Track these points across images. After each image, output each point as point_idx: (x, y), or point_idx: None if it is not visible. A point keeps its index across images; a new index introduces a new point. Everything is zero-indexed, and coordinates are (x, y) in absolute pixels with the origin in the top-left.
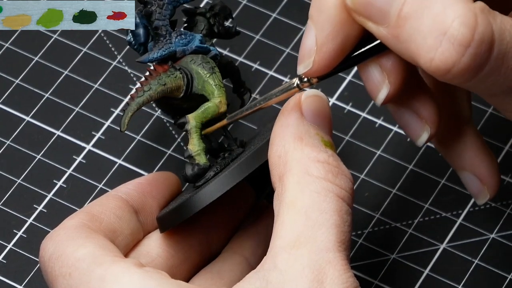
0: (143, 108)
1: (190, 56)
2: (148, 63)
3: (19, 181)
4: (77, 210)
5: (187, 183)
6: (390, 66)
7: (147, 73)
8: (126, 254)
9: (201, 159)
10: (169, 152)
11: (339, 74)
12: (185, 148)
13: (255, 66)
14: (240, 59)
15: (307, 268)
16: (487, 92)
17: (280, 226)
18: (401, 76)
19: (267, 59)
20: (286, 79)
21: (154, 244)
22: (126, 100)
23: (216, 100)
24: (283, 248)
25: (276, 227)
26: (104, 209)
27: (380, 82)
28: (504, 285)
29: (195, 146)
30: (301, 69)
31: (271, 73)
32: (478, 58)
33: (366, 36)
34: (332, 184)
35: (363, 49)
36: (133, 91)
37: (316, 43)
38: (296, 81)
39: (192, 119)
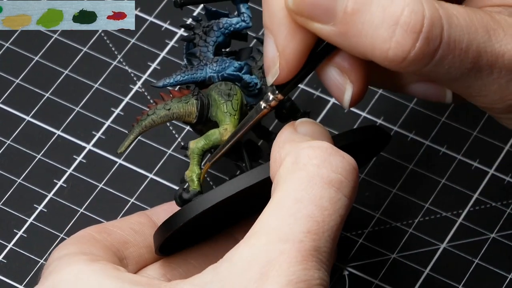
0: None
1: (218, 83)
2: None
3: (19, 181)
4: (77, 209)
5: None
6: (348, 65)
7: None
8: (140, 265)
9: (193, 185)
10: (169, 152)
11: None
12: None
13: None
14: None
15: (256, 259)
16: (448, 77)
17: (258, 219)
18: (361, 73)
19: None
20: None
21: (154, 267)
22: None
23: (222, 128)
24: (245, 239)
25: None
26: (121, 224)
27: (342, 84)
28: (504, 285)
29: (190, 171)
30: (270, 79)
31: None
32: (431, 42)
33: None
34: (321, 168)
35: (322, 46)
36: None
37: (277, 49)
38: (262, 103)
39: (192, 145)
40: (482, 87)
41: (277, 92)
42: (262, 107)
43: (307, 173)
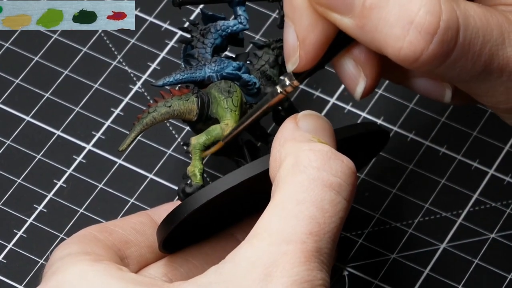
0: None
1: (217, 81)
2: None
3: (19, 181)
4: (77, 210)
5: None
6: (364, 59)
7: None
8: (142, 264)
9: (195, 179)
10: (169, 152)
11: None
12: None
13: None
14: None
15: (259, 260)
16: (457, 78)
17: (259, 220)
18: (376, 68)
19: None
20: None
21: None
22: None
23: (223, 123)
24: (248, 239)
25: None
26: (122, 223)
27: (356, 76)
28: (504, 285)
29: (192, 167)
30: (289, 66)
31: None
32: (445, 45)
33: None
34: (321, 171)
35: (341, 37)
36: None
37: (297, 38)
38: (278, 88)
39: (194, 140)
40: (490, 88)
41: (293, 78)
42: (279, 91)
43: (307, 175)
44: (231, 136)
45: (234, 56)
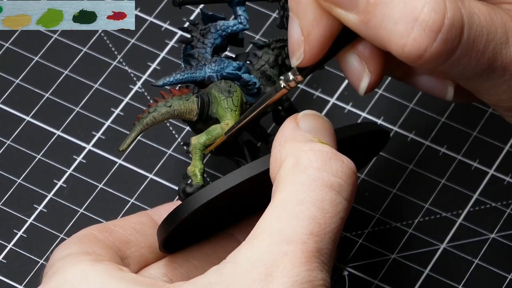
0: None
1: (217, 81)
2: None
3: (19, 181)
4: (77, 210)
5: None
6: (368, 54)
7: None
8: (142, 264)
9: (195, 179)
10: (169, 152)
11: (339, 74)
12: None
13: None
14: None
15: (260, 260)
16: (460, 76)
17: (259, 220)
18: (380, 64)
19: None
20: None
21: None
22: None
23: (223, 123)
24: (248, 240)
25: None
26: (123, 223)
27: (361, 72)
28: (504, 285)
29: (192, 166)
30: (294, 61)
31: None
32: (449, 43)
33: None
34: (321, 171)
35: (346, 33)
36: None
37: (302, 33)
38: (282, 82)
39: (194, 140)
40: (492, 86)
41: (297, 73)
42: (282, 86)
43: (308, 176)
44: (233, 131)
45: (234, 56)
